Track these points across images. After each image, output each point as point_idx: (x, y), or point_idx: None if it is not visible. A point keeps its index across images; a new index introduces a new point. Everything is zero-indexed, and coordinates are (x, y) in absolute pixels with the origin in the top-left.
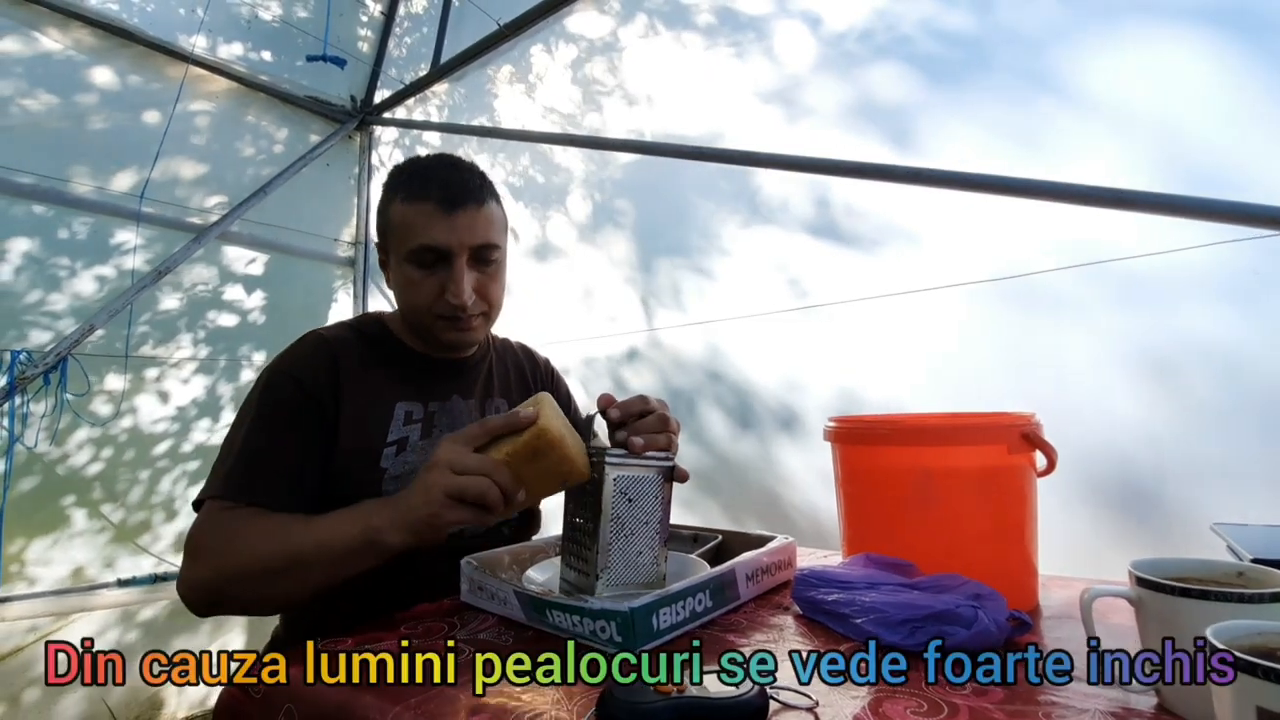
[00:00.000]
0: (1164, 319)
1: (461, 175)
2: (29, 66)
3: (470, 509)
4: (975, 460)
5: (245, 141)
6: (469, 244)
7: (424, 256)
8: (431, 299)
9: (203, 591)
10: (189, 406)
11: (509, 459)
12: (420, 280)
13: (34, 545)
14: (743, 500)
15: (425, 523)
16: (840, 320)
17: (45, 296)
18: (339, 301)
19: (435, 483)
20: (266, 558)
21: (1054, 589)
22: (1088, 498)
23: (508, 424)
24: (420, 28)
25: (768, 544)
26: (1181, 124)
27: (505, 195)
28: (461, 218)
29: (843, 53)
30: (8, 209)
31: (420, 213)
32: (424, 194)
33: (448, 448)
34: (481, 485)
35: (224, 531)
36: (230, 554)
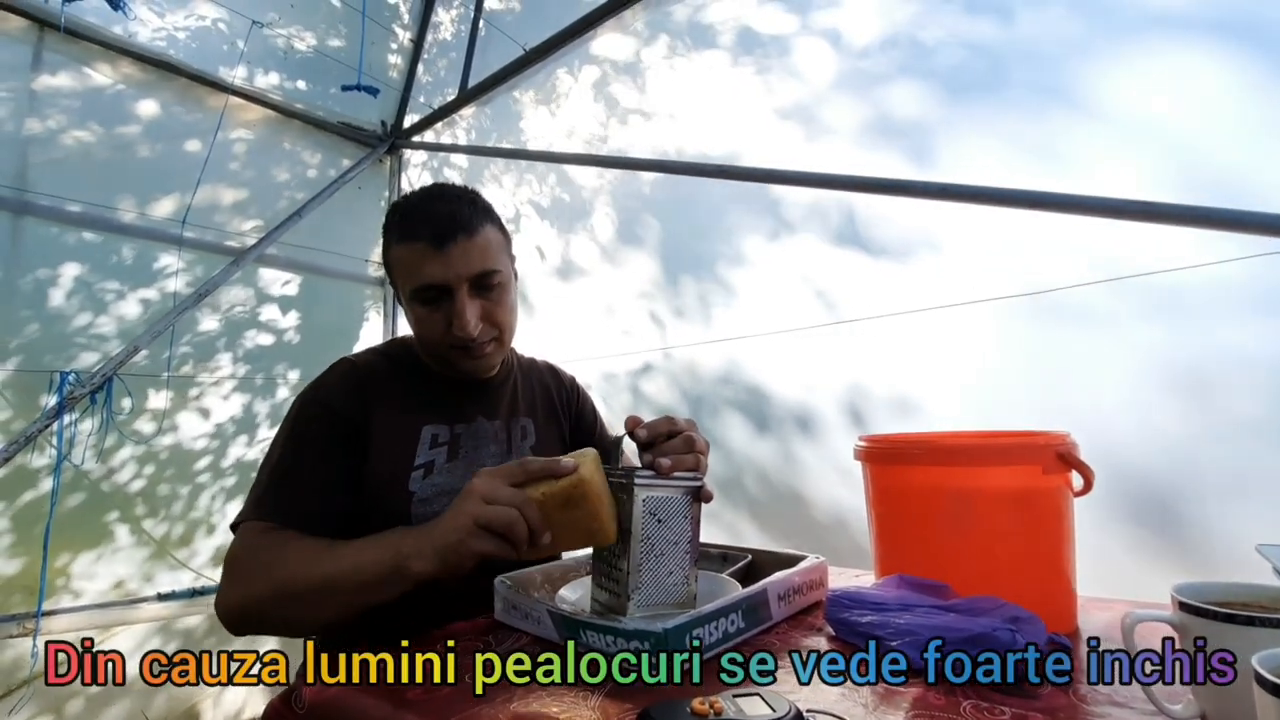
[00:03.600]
0: (1200, 333)
1: (450, 207)
2: (80, 100)
3: (496, 540)
4: (1010, 481)
5: (281, 167)
6: (466, 275)
7: (426, 294)
8: (441, 333)
9: (238, 613)
10: (227, 424)
11: (543, 500)
12: (427, 316)
13: (79, 560)
14: (766, 513)
15: (452, 549)
16: (865, 335)
17: (93, 319)
18: (370, 320)
19: (465, 510)
20: (299, 582)
21: (1093, 611)
22: (1125, 518)
23: (548, 469)
24: (448, 53)
25: (799, 564)
26: (1208, 137)
27: (530, 215)
28: (454, 251)
29: (863, 69)
30: (59, 236)
31: (414, 252)
32: (414, 234)
33: (483, 479)
34: (510, 516)
35: (259, 555)
36: (264, 577)
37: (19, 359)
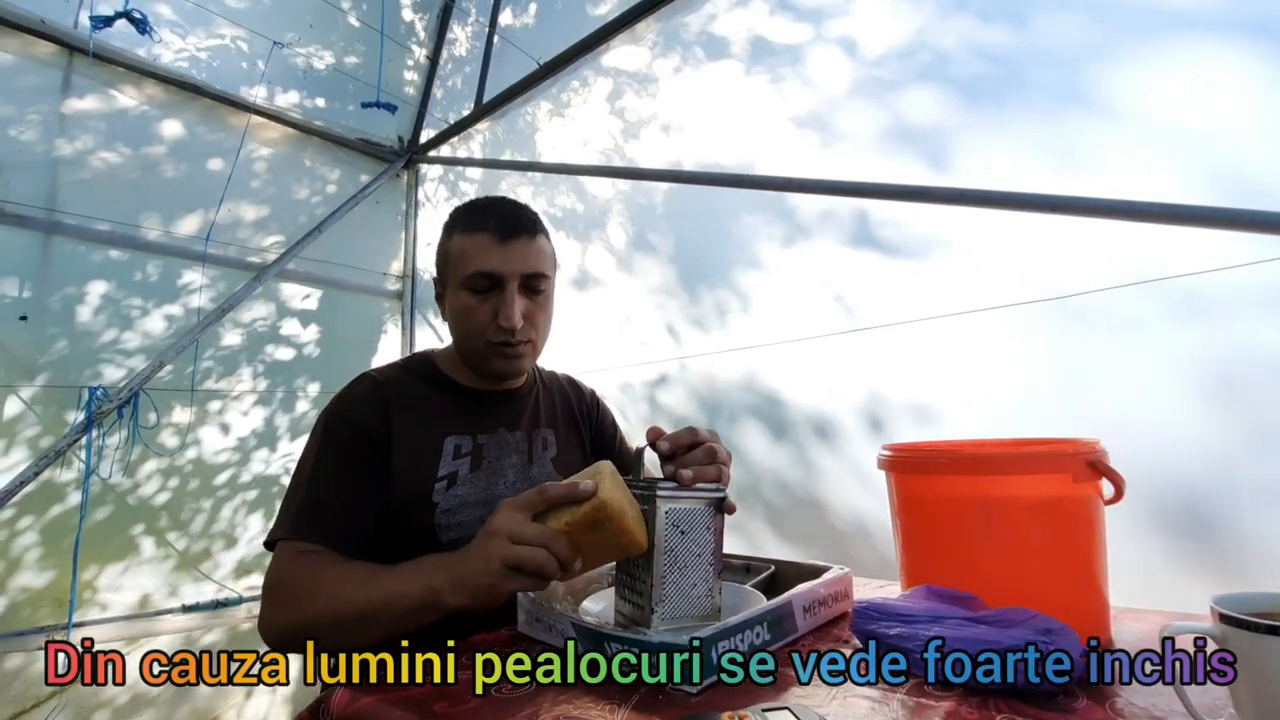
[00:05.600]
0: (1230, 336)
1: (516, 210)
2: (107, 122)
3: (527, 578)
4: (1039, 490)
5: (301, 184)
6: (521, 271)
7: (479, 283)
8: (485, 324)
9: (280, 636)
10: (249, 437)
11: (568, 529)
12: (475, 306)
13: (106, 573)
14: (786, 522)
15: (485, 590)
16: (884, 342)
17: (119, 335)
18: (388, 333)
19: (494, 553)
20: (337, 612)
21: (1126, 622)
22: (1157, 526)
23: (567, 495)
24: (463, 68)
25: (823, 574)
26: (1232, 137)
27: (546, 226)
28: (515, 247)
29: (877, 76)
30: (87, 255)
31: (477, 242)
32: (482, 225)
33: (507, 515)
34: (540, 558)
35: (301, 580)
36: (303, 605)
37: (47, 375)
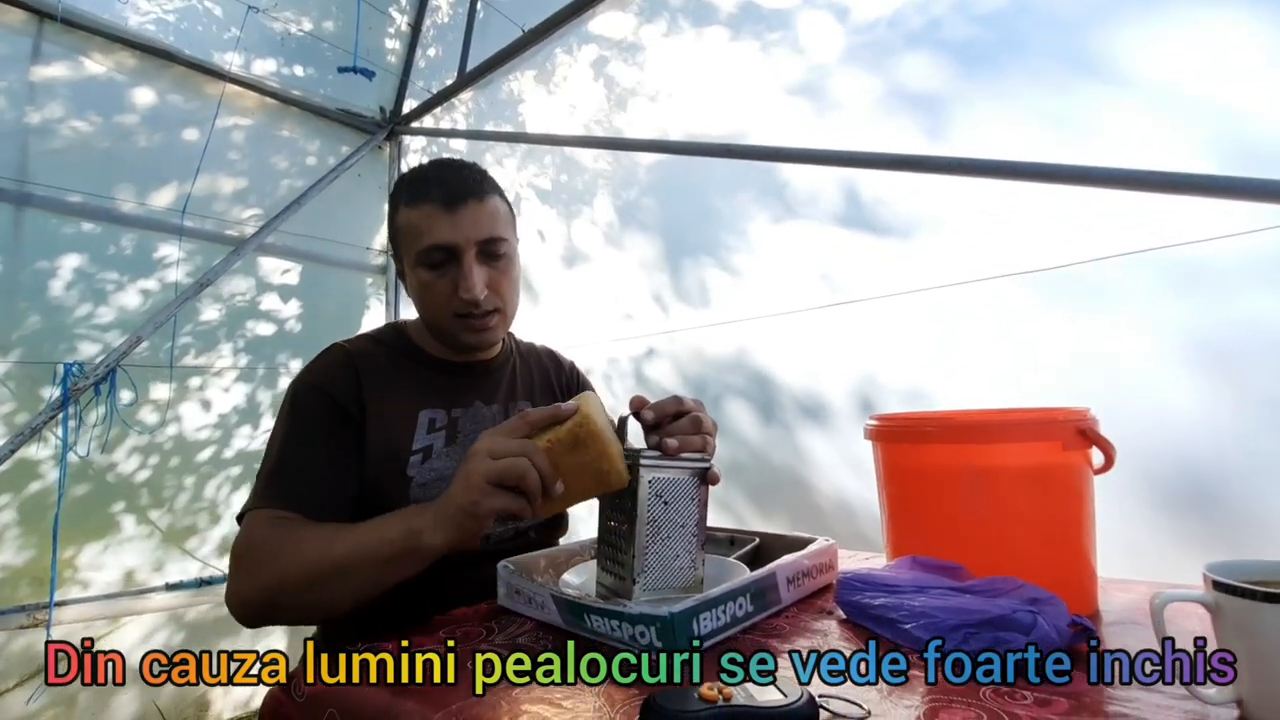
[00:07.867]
0: (1224, 307)
1: (460, 174)
2: (76, 90)
3: (510, 494)
4: (1028, 458)
5: (280, 155)
6: (474, 239)
7: (433, 256)
8: (446, 299)
9: (249, 604)
10: (230, 414)
11: (550, 447)
12: (433, 282)
13: (86, 551)
14: (770, 498)
15: (465, 511)
16: (874, 315)
17: (94, 310)
18: (371, 309)
19: (474, 470)
20: (310, 566)
21: (1114, 592)
22: (1146, 496)
23: (550, 416)
24: (445, 37)
25: (808, 546)
26: (1234, 104)
27: (531, 199)
28: (464, 214)
29: (871, 41)
30: (59, 228)
31: (423, 214)
32: (425, 196)
33: (487, 437)
34: (521, 466)
35: (268, 544)
36: (273, 565)
37: (20, 351)
